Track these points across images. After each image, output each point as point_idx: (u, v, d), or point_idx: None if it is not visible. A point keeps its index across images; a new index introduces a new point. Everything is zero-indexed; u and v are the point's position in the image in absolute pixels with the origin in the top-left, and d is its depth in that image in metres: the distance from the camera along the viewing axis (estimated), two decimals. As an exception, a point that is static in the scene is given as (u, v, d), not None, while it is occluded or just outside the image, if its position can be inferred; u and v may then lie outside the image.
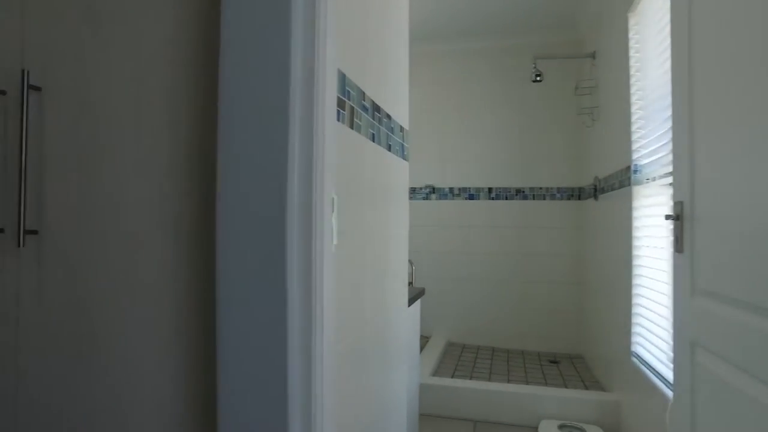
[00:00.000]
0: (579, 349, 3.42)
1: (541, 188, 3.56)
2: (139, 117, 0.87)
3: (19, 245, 0.92)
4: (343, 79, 0.88)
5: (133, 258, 0.87)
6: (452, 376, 2.83)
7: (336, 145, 0.80)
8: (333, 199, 0.78)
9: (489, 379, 2.80)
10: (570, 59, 3.40)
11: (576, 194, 3.48)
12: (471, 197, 3.71)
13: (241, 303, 0.74)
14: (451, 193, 3.75)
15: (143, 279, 0.86)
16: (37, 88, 0.97)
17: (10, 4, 0.99)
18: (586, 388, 2.67)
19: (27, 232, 0.94)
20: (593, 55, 3.00)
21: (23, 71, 0.93)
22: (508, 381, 2.79)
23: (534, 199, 3.57)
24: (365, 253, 1.10)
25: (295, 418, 0.73)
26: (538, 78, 3.10)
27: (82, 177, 0.92)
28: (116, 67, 0.89)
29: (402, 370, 1.57)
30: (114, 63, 0.89)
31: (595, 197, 2.96)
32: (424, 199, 3.80)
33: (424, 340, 3.50)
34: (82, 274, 0.91)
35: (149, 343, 0.86)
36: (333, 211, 0.78)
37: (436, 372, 2.93)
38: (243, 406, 0.74)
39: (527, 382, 2.76)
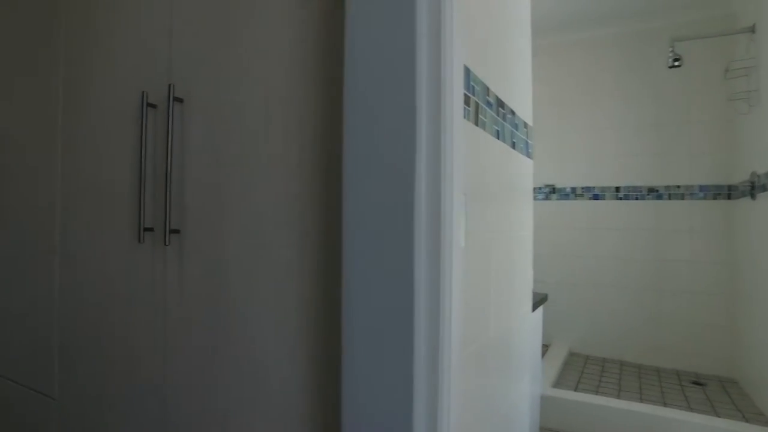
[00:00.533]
0: (731, 371, 2.98)
1: (678, 186, 3.18)
2: (267, 120, 0.90)
3: (165, 243, 1.00)
4: (467, 74, 0.83)
5: (259, 256, 0.90)
6: (575, 389, 2.63)
7: (463, 143, 0.76)
8: (462, 198, 0.74)
9: (618, 396, 2.55)
10: (717, 38, 2.99)
11: (724, 193, 3.05)
12: (596, 197, 3.42)
13: (366, 305, 0.72)
14: (573, 193, 3.50)
15: (269, 277, 0.89)
16: (180, 100, 1.05)
17: (161, 25, 1.09)
18: (746, 420, 2.31)
19: (171, 231, 1.02)
20: (752, 29, 2.59)
21: (169, 85, 1.01)
22: (641, 400, 2.52)
23: (670, 198, 3.20)
24: (491, 256, 1.03)
25: (420, 426, 0.70)
26: (676, 63, 2.76)
27: (216, 180, 0.97)
28: (245, 72, 0.93)
29: (524, 380, 1.47)
30: (243, 69, 0.93)
31: (752, 196, 2.56)
32: (543, 199, 3.60)
33: (544, 349, 3.31)
34: (216, 271, 0.96)
35: (273, 339, 0.88)
36: (461, 211, 0.74)
37: (557, 383, 2.74)
38: (367, 411, 0.73)
39: (665, 404, 2.46)
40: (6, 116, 1.56)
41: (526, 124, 1.39)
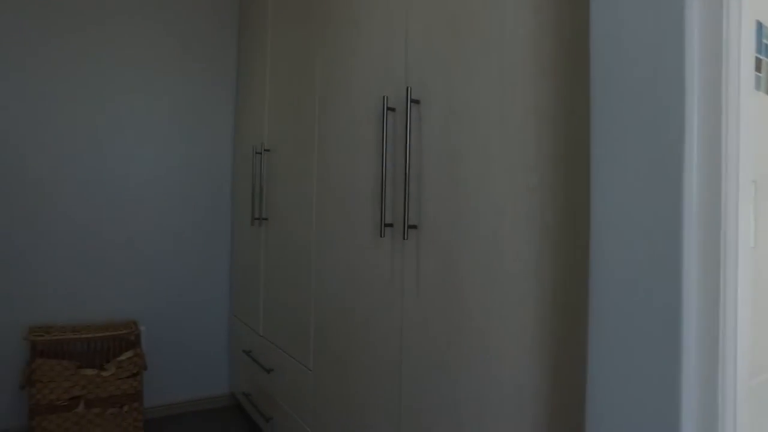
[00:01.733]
0: None
1: None
2: (502, 112, 0.87)
3: (404, 237, 1.07)
4: (760, 31, 0.67)
5: (497, 251, 0.88)
6: None
7: (755, 119, 0.61)
8: (752, 187, 0.59)
9: None
10: None
11: None
12: None
13: (617, 312, 0.64)
14: None
15: (505, 273, 0.86)
16: (416, 101, 1.10)
17: (396, 30, 1.17)
18: None
19: (409, 226, 1.08)
20: None
21: (407, 88, 1.07)
22: None
23: None
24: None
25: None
26: None
27: (452, 176, 0.99)
28: (478, 67, 0.92)
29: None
30: (475, 65, 0.93)
31: None
32: None
33: None
34: (453, 266, 0.98)
35: (507, 337, 0.85)
36: (750, 204, 0.59)
37: None
38: (619, 432, 0.64)
39: None
40: (280, 135, 1.89)
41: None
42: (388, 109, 1.17)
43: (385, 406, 1.18)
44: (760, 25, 0.66)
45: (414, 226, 1.08)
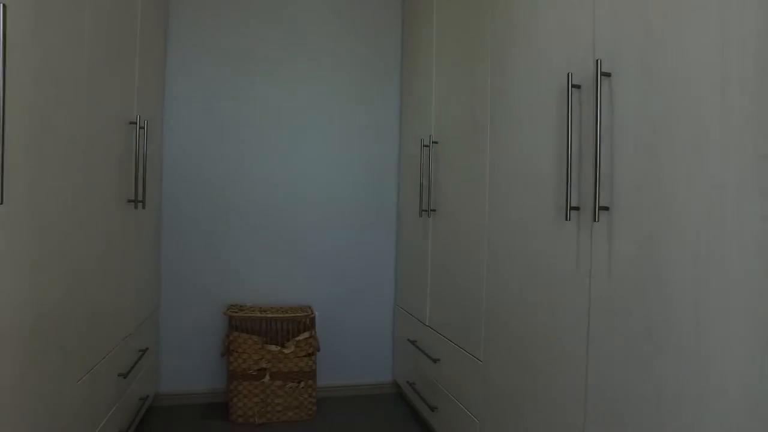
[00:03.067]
0: None
1: None
2: (723, 73, 0.77)
3: (594, 220, 1.00)
4: None
5: (714, 231, 0.77)
6: None
7: None
8: None
9: None
10: None
11: None
12: None
13: None
14: None
15: (727, 258, 0.74)
16: (607, 74, 1.03)
17: (583, 4, 1.10)
18: None
19: (600, 208, 1.01)
20: None
21: (597, 61, 1.00)
22: None
23: None
24: None
25: None
26: None
27: (652, 151, 0.89)
28: (688, 26, 0.82)
29: None
30: (687, 22, 0.82)
31: None
32: None
33: None
34: (653, 251, 0.88)
35: (729, 332, 0.73)
36: None
37: None
38: None
39: None
40: (448, 126, 1.91)
41: None
42: (572, 86, 1.11)
43: (565, 403, 1.11)
44: None
45: (605, 208, 1.00)
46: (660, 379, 0.86)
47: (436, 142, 1.98)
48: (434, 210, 1.99)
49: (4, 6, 0.74)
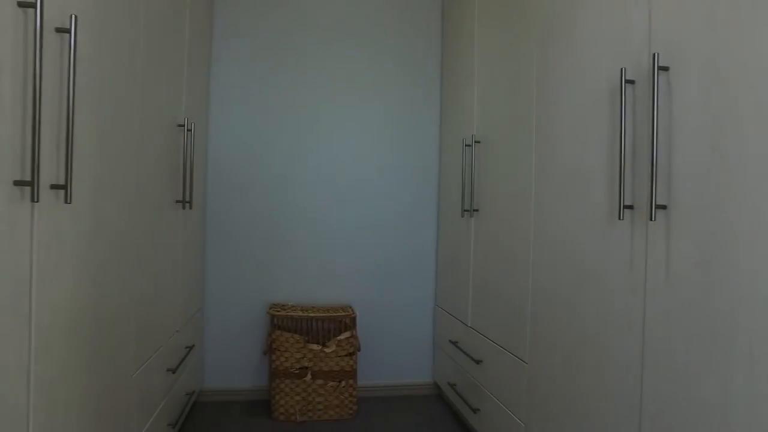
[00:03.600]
0: None
1: None
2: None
3: (651, 218, 0.96)
4: None
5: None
6: None
7: None
8: None
9: None
10: None
11: None
12: None
13: None
14: None
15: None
16: (664, 68, 0.99)
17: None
18: None
19: (657, 206, 0.98)
20: None
21: (654, 55, 0.97)
22: None
23: None
24: None
25: None
26: None
27: (715, 147, 0.86)
28: (762, 11, 0.78)
29: None
30: (761, 6, 0.79)
31: None
32: None
33: None
34: (711, 250, 0.85)
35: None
36: None
37: None
38: None
39: None
40: (491, 125, 1.89)
41: None
42: (626, 81, 1.07)
43: (617, 410, 1.08)
44: None
45: (663, 206, 0.97)
46: (730, 393, 0.82)
47: (479, 142, 1.96)
48: (477, 210, 1.97)
49: (75, 17, 0.77)
